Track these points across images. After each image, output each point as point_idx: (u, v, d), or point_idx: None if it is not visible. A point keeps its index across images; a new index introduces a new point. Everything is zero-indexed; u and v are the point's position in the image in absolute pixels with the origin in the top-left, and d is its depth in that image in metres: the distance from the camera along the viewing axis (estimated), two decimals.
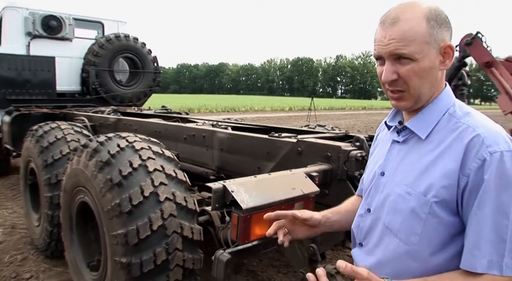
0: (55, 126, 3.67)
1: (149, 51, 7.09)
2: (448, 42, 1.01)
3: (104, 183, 2.22)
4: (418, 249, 1.01)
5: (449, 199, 0.96)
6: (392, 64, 1.02)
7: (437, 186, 0.97)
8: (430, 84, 1.03)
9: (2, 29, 6.09)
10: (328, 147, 2.23)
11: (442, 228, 0.98)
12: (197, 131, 3.25)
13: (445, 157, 0.98)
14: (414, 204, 1.01)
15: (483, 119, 1.01)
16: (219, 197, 1.62)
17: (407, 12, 1.00)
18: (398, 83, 1.03)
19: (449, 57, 1.03)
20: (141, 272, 2.07)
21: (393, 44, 0.99)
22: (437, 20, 1.00)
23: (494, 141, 0.93)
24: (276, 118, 24.03)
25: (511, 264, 0.89)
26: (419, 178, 1.02)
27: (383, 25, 1.02)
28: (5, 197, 5.73)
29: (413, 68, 0.99)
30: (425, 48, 0.98)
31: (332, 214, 1.37)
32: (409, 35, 0.98)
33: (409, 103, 1.06)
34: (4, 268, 3.44)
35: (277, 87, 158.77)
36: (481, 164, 0.92)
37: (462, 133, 0.98)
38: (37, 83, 5.92)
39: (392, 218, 1.07)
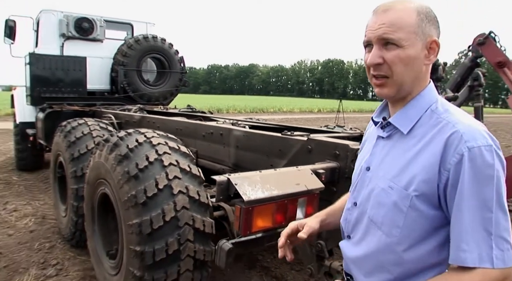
0: (82, 122, 3.88)
1: (176, 52, 7.26)
2: (435, 38, 1.05)
3: (122, 175, 2.34)
4: (398, 241, 1.05)
5: (429, 193, 0.99)
6: (379, 49, 1.06)
7: (418, 180, 1.01)
8: (414, 74, 1.06)
9: (39, 31, 6.42)
10: (336, 145, 2.28)
11: (422, 221, 1.01)
12: (215, 129, 3.35)
13: (426, 152, 1.01)
14: (396, 197, 1.05)
15: (463, 115, 1.04)
16: (223, 189, 1.71)
17: (399, 3, 1.05)
18: (383, 68, 1.06)
19: (434, 52, 1.06)
20: (153, 261, 2.17)
21: (383, 28, 1.04)
22: (426, 16, 1.04)
23: (472, 136, 0.96)
24: (304, 120, 23.94)
25: (501, 255, 0.92)
26: (401, 173, 1.05)
27: (376, 13, 1.07)
28: (38, 190, 6.05)
29: (399, 54, 1.03)
30: (412, 37, 1.02)
31: (327, 215, 1.39)
32: (398, 22, 1.02)
33: (392, 91, 1.08)
34: (34, 254, 3.67)
35: (307, 89, 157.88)
36: (460, 158, 0.95)
37: (442, 129, 1.01)
38: (69, 82, 6.20)
39: (376, 212, 1.11)
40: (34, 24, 6.71)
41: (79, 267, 3.42)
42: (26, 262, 3.50)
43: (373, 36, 1.06)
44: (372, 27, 1.07)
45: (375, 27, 1.06)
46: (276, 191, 1.77)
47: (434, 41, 1.05)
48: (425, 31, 1.04)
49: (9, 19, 6.52)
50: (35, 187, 6.20)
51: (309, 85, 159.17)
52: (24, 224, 4.48)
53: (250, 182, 1.74)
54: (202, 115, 5.30)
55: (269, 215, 1.77)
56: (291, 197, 1.83)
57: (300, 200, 1.88)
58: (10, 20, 6.53)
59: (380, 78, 1.08)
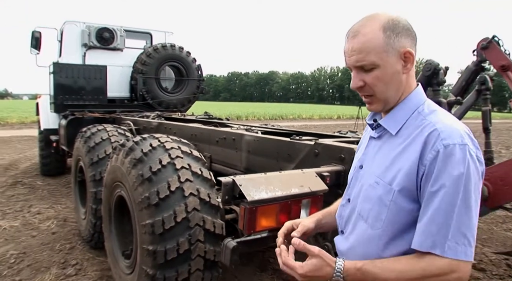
0: (101, 128, 4.04)
1: (193, 60, 7.42)
2: (407, 48, 1.10)
3: (136, 178, 2.45)
4: (381, 234, 1.11)
5: (410, 187, 1.06)
6: (358, 73, 1.14)
7: (400, 175, 1.08)
8: (395, 88, 1.13)
9: (63, 41, 6.70)
10: (342, 149, 2.33)
11: (403, 215, 1.08)
12: (227, 134, 3.44)
13: (408, 150, 1.08)
14: (381, 192, 1.12)
15: (445, 116, 1.10)
16: (228, 190, 1.79)
17: (366, 25, 1.11)
18: (365, 89, 1.15)
19: (410, 61, 1.11)
20: (165, 260, 2.26)
21: (355, 56, 1.11)
22: (393, 30, 1.09)
23: (449, 135, 1.02)
24: (323, 126, 23.87)
25: (453, 247, 0.98)
26: (386, 169, 1.13)
27: (347, 38, 1.15)
28: (60, 194, 6.27)
29: (377, 75, 1.11)
30: (383, 56, 1.08)
31: (323, 216, 1.43)
32: (367, 46, 1.09)
33: (379, 106, 1.17)
34: (55, 254, 3.83)
35: (327, 96, 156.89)
36: (436, 155, 1.01)
37: (424, 128, 1.07)
38: (91, 90, 6.42)
39: (363, 206, 1.18)
40: (58, 35, 7.00)
41: (97, 267, 3.56)
42: (48, 262, 3.66)
43: (349, 63, 1.15)
44: (347, 54, 1.15)
45: (349, 54, 1.14)
46: (279, 192, 1.84)
47: (407, 51, 1.10)
48: (395, 46, 1.09)
49: (35, 31, 6.81)
50: (57, 192, 6.43)
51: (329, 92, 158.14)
52: (46, 226, 4.67)
53: (254, 183, 1.81)
54: (217, 121, 5.41)
55: (273, 215, 1.83)
56: (295, 198, 1.89)
57: (304, 201, 1.94)
58: (36, 31, 6.81)
59: (367, 97, 1.17)
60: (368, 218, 1.16)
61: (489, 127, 3.39)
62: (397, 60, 1.10)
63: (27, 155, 10.27)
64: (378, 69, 1.10)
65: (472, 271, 3.68)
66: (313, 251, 1.10)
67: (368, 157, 1.25)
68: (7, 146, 12.19)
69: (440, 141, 1.02)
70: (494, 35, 3.40)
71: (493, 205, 3.04)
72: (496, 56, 3.38)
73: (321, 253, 1.09)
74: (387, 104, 1.16)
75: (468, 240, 0.99)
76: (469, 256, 1.00)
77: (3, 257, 3.74)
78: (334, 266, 1.08)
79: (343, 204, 1.32)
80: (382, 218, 1.11)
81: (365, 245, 1.16)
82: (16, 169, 8.34)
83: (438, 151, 1.01)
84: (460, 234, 0.99)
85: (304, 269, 1.09)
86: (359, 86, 1.15)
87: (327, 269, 1.08)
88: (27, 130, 17.74)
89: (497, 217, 5.50)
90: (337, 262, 1.08)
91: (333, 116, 38.09)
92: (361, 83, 1.14)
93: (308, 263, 1.10)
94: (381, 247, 1.12)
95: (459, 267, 0.99)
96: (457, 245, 0.98)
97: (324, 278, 1.09)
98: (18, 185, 6.86)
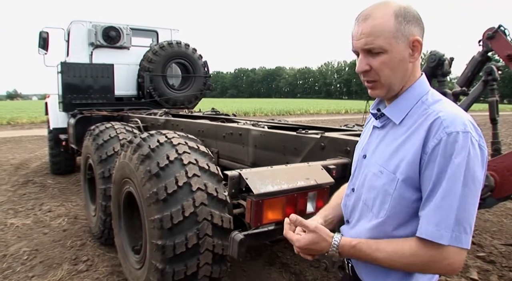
0: (109, 126, 4.08)
1: (200, 56, 7.43)
2: (417, 36, 1.10)
3: (144, 173, 2.48)
4: (385, 222, 1.12)
5: (413, 175, 1.06)
6: (364, 57, 1.13)
7: (404, 164, 1.08)
8: (401, 75, 1.13)
9: (70, 41, 6.75)
10: (347, 142, 2.34)
11: (406, 203, 1.09)
12: (234, 129, 3.46)
13: (412, 139, 1.09)
14: (385, 181, 1.12)
15: (449, 105, 1.10)
16: (235, 183, 1.81)
17: (377, 9, 1.11)
18: (371, 74, 1.14)
19: (417, 50, 1.12)
20: (174, 254, 2.29)
21: (364, 39, 1.11)
22: (405, 17, 1.09)
23: (452, 123, 1.02)
24: (330, 121, 23.78)
25: (448, 232, 0.99)
26: (390, 158, 1.13)
27: (357, 21, 1.14)
28: (70, 192, 6.35)
29: (384, 60, 1.10)
30: (393, 42, 1.08)
31: (328, 212, 1.44)
32: (377, 30, 1.09)
33: (382, 92, 1.17)
34: (66, 251, 3.89)
35: (334, 90, 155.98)
36: (438, 142, 1.02)
37: (428, 117, 1.08)
38: (98, 89, 6.47)
39: (368, 195, 1.19)
40: (65, 35, 7.06)
41: (108, 263, 3.61)
42: (60, 258, 3.72)
43: (357, 46, 1.14)
44: (355, 37, 1.14)
45: (357, 37, 1.13)
46: (285, 185, 1.86)
47: (416, 39, 1.10)
48: (405, 33, 1.09)
49: (43, 31, 6.86)
50: (67, 190, 6.51)
51: (337, 87, 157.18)
52: (58, 223, 4.74)
53: (260, 177, 1.83)
54: (224, 117, 5.43)
55: (279, 208, 1.85)
56: (301, 191, 1.90)
57: (310, 194, 1.95)
58: (43, 32, 6.87)
59: (370, 82, 1.17)
60: (373, 207, 1.17)
61: (497, 118, 3.36)
62: (405, 47, 1.10)
63: (37, 154, 10.40)
64: (386, 54, 1.10)
65: (482, 263, 3.67)
66: (309, 226, 1.16)
67: (371, 147, 1.25)
68: (18, 146, 12.35)
69: (443, 129, 1.02)
70: (500, 25, 3.36)
71: (500, 195, 3.02)
72: (502, 45, 3.34)
73: (317, 228, 1.15)
74: (390, 91, 1.16)
75: (464, 228, 1.00)
76: (464, 243, 1.00)
77: (16, 254, 3.81)
78: (331, 241, 1.14)
79: (347, 194, 1.33)
80: (386, 207, 1.12)
81: (370, 233, 1.17)
82: (27, 168, 8.46)
83: (440, 139, 1.01)
84: (457, 221, 0.99)
85: (301, 243, 1.16)
86: (364, 70, 1.14)
87: (323, 244, 1.15)
88: (37, 130, 17.95)
89: (507, 209, 5.46)
90: (334, 237, 1.15)
91: (340, 111, 37.92)
92: (367, 67, 1.13)
93: (305, 237, 1.16)
94: (385, 235, 1.13)
95: (451, 253, 1.00)
96: (453, 232, 0.99)
97: (321, 251, 1.16)
98: (29, 183, 6.96)
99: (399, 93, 1.17)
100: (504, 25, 3.33)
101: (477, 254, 3.89)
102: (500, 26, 3.36)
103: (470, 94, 3.68)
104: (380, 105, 1.28)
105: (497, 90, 3.32)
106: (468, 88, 3.73)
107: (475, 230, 4.53)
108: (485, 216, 5.14)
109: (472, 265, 3.62)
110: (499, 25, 3.37)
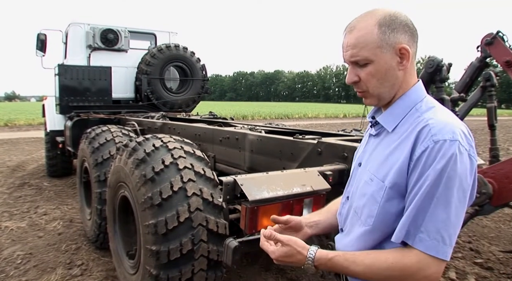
0: (105, 129, 4.06)
1: (198, 60, 7.41)
2: (403, 44, 1.08)
3: (139, 178, 2.46)
4: (372, 230, 1.11)
5: (400, 183, 1.05)
6: (353, 68, 1.14)
7: (392, 172, 1.06)
8: (390, 84, 1.12)
9: (68, 43, 6.73)
10: (345, 147, 2.32)
11: (394, 211, 1.07)
12: (231, 133, 3.43)
13: (401, 147, 1.07)
14: (374, 188, 1.11)
15: (441, 113, 1.08)
16: (229, 189, 1.78)
17: (362, 20, 1.11)
18: (360, 85, 1.15)
19: (406, 57, 1.10)
20: (168, 260, 2.26)
21: (349, 51, 1.11)
22: (389, 25, 1.08)
23: (440, 131, 1.00)
24: (328, 125, 23.81)
25: (424, 240, 0.98)
26: (380, 166, 1.12)
27: (345, 33, 1.15)
28: (66, 195, 6.31)
29: (370, 71, 1.10)
30: (377, 52, 1.08)
31: (321, 215, 1.43)
32: (361, 42, 1.09)
33: (373, 101, 1.17)
34: (61, 255, 3.85)
35: (333, 94, 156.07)
36: (424, 150, 1.00)
37: (418, 125, 1.06)
38: (95, 91, 6.44)
39: (358, 203, 1.18)
40: (63, 37, 7.03)
41: (103, 267, 3.57)
42: (54, 262, 3.68)
43: (345, 58, 1.15)
44: (344, 49, 1.15)
45: (345, 49, 1.14)
46: (281, 192, 1.83)
47: (403, 47, 1.08)
48: (390, 41, 1.08)
49: (41, 33, 6.84)
50: (63, 193, 6.47)
51: (335, 91, 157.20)
52: (53, 227, 4.70)
53: (255, 183, 1.80)
54: (221, 121, 5.40)
55: (275, 214, 1.82)
56: (297, 197, 1.87)
57: (306, 200, 1.93)
58: (41, 34, 6.84)
59: (361, 92, 1.18)
60: (361, 214, 1.15)
61: (495, 124, 3.35)
62: (392, 56, 1.09)
63: (34, 156, 10.35)
64: (372, 65, 1.09)
65: (479, 270, 3.65)
66: (282, 240, 1.15)
67: (366, 155, 1.24)
68: (15, 147, 12.29)
69: (431, 137, 1.00)
70: (499, 31, 3.36)
71: (498, 203, 3.00)
72: (501, 51, 3.34)
73: (290, 241, 1.14)
74: (381, 100, 1.16)
75: (442, 237, 0.97)
76: (440, 254, 0.97)
77: (10, 258, 3.77)
78: (306, 254, 1.12)
79: (343, 202, 1.32)
80: (373, 215, 1.10)
81: (358, 242, 1.15)
82: (24, 171, 8.41)
83: (427, 147, 1.00)
84: (434, 228, 0.97)
85: (276, 255, 1.16)
86: (353, 81, 1.15)
87: (298, 257, 1.13)
88: (34, 131, 17.88)
89: (504, 215, 5.44)
90: (310, 250, 1.12)
91: (339, 115, 37.99)
92: (355, 78, 1.14)
93: (280, 250, 1.15)
94: (372, 244, 1.12)
95: (428, 264, 0.98)
96: (429, 239, 0.97)
97: (297, 264, 1.14)
98: (25, 186, 6.91)
99: (393, 100, 1.16)
100: (503, 31, 3.33)
101: (474, 260, 3.87)
102: (499, 32, 3.36)
103: (468, 100, 3.67)
104: (376, 113, 1.27)
105: (495, 96, 3.31)
106: (466, 94, 3.73)
107: (473, 236, 4.51)
108: (483, 222, 5.12)
109: (470, 271, 3.60)
110: (498, 31, 3.36)
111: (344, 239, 1.25)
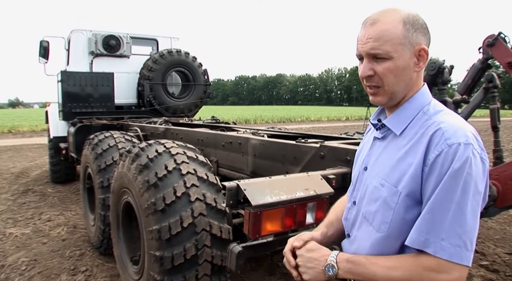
0: (108, 135, 4.07)
1: (199, 65, 7.43)
2: (423, 46, 1.08)
3: (142, 184, 2.46)
4: (387, 236, 1.09)
5: (415, 189, 1.03)
6: (369, 62, 1.11)
7: (406, 177, 1.05)
8: (404, 83, 1.11)
9: (70, 50, 6.77)
10: (347, 151, 2.32)
11: (409, 217, 1.05)
12: (233, 138, 3.43)
13: (413, 151, 1.06)
14: (386, 194, 1.09)
15: (451, 116, 1.08)
16: (232, 194, 1.78)
17: (387, 14, 1.09)
18: (374, 79, 1.12)
19: (423, 59, 1.09)
20: (172, 265, 2.26)
21: (370, 43, 1.08)
22: (413, 25, 1.08)
23: (453, 134, 1.00)
24: (331, 128, 23.77)
25: (447, 248, 0.96)
26: (391, 171, 1.10)
27: (364, 25, 1.12)
28: (70, 201, 6.32)
29: (389, 66, 1.08)
30: (399, 48, 1.06)
31: (327, 227, 1.40)
32: (385, 35, 1.06)
33: (384, 99, 1.14)
34: (65, 261, 3.86)
35: (335, 97, 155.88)
36: (439, 154, 0.99)
37: (429, 128, 1.05)
38: (98, 97, 6.46)
39: (368, 208, 1.16)
40: (65, 44, 7.07)
41: (107, 273, 3.57)
42: (58, 269, 3.69)
43: (362, 50, 1.11)
44: (361, 41, 1.12)
45: (363, 41, 1.11)
46: (284, 196, 1.83)
47: (423, 48, 1.08)
48: (412, 41, 1.07)
49: (43, 40, 6.89)
50: (67, 199, 6.49)
51: (337, 93, 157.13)
52: (57, 233, 4.71)
53: (258, 188, 1.80)
54: (224, 125, 5.41)
55: (278, 219, 1.82)
56: (300, 201, 1.87)
57: (310, 204, 1.92)
58: (44, 41, 6.89)
59: (373, 87, 1.14)
60: (373, 220, 1.13)
61: (498, 126, 3.33)
62: (411, 55, 1.08)
63: (37, 163, 10.38)
64: (391, 61, 1.07)
65: (485, 273, 3.62)
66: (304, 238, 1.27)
67: (372, 159, 1.22)
68: (19, 154, 12.35)
69: (444, 141, 0.99)
70: (500, 32, 3.35)
71: (502, 205, 2.97)
72: (503, 53, 3.33)
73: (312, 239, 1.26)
74: (393, 99, 1.14)
75: (464, 242, 0.96)
76: (464, 260, 0.96)
77: (14, 264, 3.78)
78: (328, 252, 1.16)
79: (348, 207, 1.30)
80: (387, 221, 1.08)
81: (373, 248, 1.13)
82: (27, 177, 8.45)
83: (442, 151, 0.99)
84: (455, 235, 0.96)
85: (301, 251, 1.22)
86: (368, 75, 1.12)
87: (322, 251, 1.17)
88: (37, 138, 17.96)
89: (510, 216, 5.40)
90: (332, 249, 1.16)
91: (341, 118, 37.94)
92: (370, 72, 1.11)
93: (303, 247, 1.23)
94: (390, 250, 1.10)
95: (451, 269, 0.96)
96: (451, 246, 0.96)
97: (319, 262, 1.14)
98: (29, 192, 6.94)
99: (401, 102, 1.15)
100: (505, 32, 3.32)
101: (480, 263, 3.85)
102: (500, 33, 3.35)
103: (470, 102, 3.65)
104: (381, 116, 1.26)
105: (498, 97, 3.30)
106: (468, 95, 3.71)
107: (478, 238, 4.47)
108: (488, 224, 5.09)
109: (475, 274, 3.58)
110: (499, 32, 3.35)
111: (352, 245, 1.23)
